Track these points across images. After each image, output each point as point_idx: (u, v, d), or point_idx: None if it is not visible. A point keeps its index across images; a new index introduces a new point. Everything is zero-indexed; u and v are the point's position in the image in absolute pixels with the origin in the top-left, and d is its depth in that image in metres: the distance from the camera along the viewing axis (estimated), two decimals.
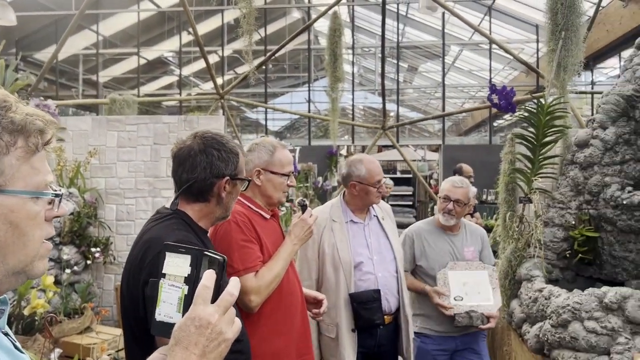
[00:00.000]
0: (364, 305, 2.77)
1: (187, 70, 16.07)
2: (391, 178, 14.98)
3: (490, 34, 11.44)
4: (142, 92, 14.70)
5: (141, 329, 1.47)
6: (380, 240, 2.99)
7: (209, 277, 0.99)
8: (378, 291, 2.82)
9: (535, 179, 4.34)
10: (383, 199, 8.63)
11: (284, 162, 2.30)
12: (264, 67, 14.58)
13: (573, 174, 4.29)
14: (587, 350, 3.17)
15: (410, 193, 14.44)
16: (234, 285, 0.99)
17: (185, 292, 1.07)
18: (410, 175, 15.41)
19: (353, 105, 13.87)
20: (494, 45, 12.64)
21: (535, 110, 4.23)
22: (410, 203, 14.60)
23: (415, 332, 3.41)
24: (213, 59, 15.24)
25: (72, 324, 3.75)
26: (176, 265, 1.08)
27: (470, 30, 13.71)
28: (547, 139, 4.25)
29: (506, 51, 6.49)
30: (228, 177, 1.70)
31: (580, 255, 4.11)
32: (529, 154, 4.34)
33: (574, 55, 4.53)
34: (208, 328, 0.94)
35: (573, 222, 4.19)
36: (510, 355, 4.26)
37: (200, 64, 16.11)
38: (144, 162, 4.68)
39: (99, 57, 14.26)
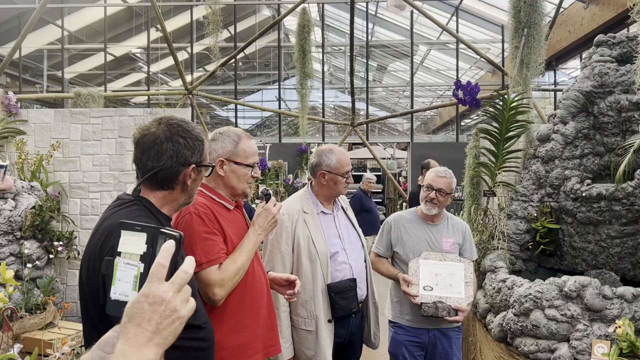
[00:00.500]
0: (342, 295, 2.77)
1: (155, 67, 15.83)
2: (360, 176, 15.07)
3: (457, 33, 11.61)
4: (109, 89, 14.41)
5: (102, 320, 1.43)
6: (349, 230, 3.00)
7: (164, 254, 0.97)
8: (354, 280, 2.84)
9: (499, 173, 4.42)
10: (366, 194, 8.62)
11: (248, 152, 2.25)
12: (234, 64, 14.48)
13: (535, 168, 4.38)
14: (547, 338, 3.24)
15: (380, 190, 14.55)
16: (188, 264, 0.98)
17: (141, 270, 1.06)
18: (380, 173, 15.52)
19: (323, 104, 13.89)
20: (461, 45, 12.83)
21: (499, 106, 4.30)
22: (380, 200, 14.72)
23: (390, 321, 3.43)
24: (182, 56, 15.06)
25: (33, 320, 3.64)
26: (132, 243, 1.07)
27: (438, 30, 13.88)
28: (511, 133, 4.33)
29: (473, 50, 6.59)
30: (194, 165, 1.67)
31: (542, 246, 4.21)
32: (493, 148, 4.41)
33: (536, 52, 4.63)
34: (162, 305, 0.92)
35: (535, 215, 4.28)
36: (475, 345, 4.32)
37: (169, 61, 15.90)
38: (109, 155, 4.59)
39: (64, 52, 13.92)
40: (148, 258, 1.06)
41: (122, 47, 15.27)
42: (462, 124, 17.84)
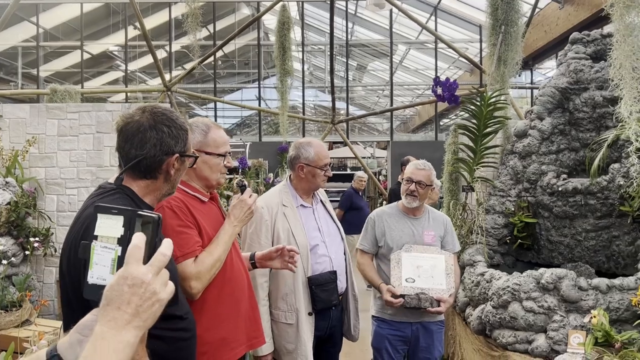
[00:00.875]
0: (322, 287, 2.78)
1: (133, 66, 15.65)
2: (341, 175, 15.10)
3: (436, 32, 11.70)
4: (86, 88, 14.20)
5: (85, 310, 1.41)
6: (328, 223, 3.02)
7: (139, 237, 0.96)
8: (334, 272, 2.85)
9: (477, 169, 4.48)
10: (357, 192, 8.60)
11: (218, 142, 2.24)
12: (213, 63, 14.39)
13: (512, 163, 4.44)
14: (525, 329, 3.29)
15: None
16: (166, 246, 0.97)
17: (119, 253, 1.05)
18: (362, 171, 15.59)
19: (303, 103, 13.89)
20: (439, 45, 12.95)
21: (477, 103, 4.36)
22: None
23: (373, 316, 3.44)
24: (160, 54, 14.90)
25: (9, 317, 3.58)
26: (108, 226, 1.06)
27: (417, 30, 13.99)
28: (488, 129, 4.39)
29: (452, 48, 6.66)
30: (177, 155, 1.65)
31: (519, 240, 4.27)
32: (471, 144, 4.47)
33: (513, 50, 4.70)
34: (141, 287, 0.92)
35: (513, 209, 4.34)
36: (455, 339, 4.37)
37: (147, 59, 15.74)
38: (87, 151, 4.52)
39: (40, 50, 13.68)
40: (125, 241, 1.04)
41: (99, 44, 15.06)
42: (441, 123, 18.00)
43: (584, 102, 4.20)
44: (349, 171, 15.46)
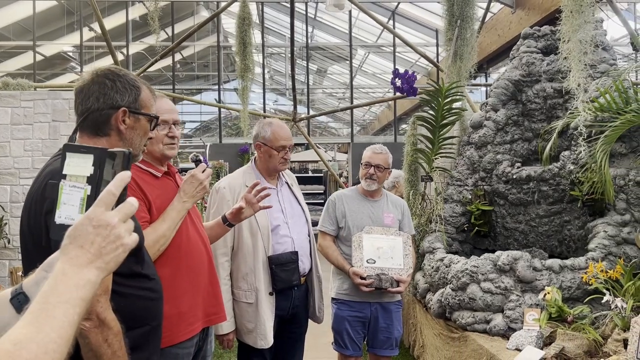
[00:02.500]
0: (283, 267, 2.79)
1: (89, 68, 15.29)
2: (303, 177, 15.15)
3: (394, 37, 11.91)
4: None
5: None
6: (293, 205, 3.03)
7: (117, 183, 0.95)
8: (296, 253, 2.87)
9: (436, 159, 4.57)
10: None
11: (160, 110, 2.15)
12: (171, 65, 14.22)
13: (469, 153, 4.56)
14: (483, 309, 3.37)
15: (322, 191, 14.64)
16: (134, 200, 0.97)
17: (88, 192, 1.03)
18: (322, 175, 15.65)
19: (264, 104, 13.87)
20: (398, 48, 13.18)
21: (434, 95, 4.46)
22: (322, 201, 14.79)
23: (332, 298, 3.46)
24: (118, 57, 14.61)
25: None
26: (77, 165, 1.04)
27: (376, 34, 14.21)
28: (446, 121, 4.49)
29: (410, 47, 6.80)
30: (125, 109, 1.63)
31: (477, 228, 4.38)
32: (429, 135, 4.56)
33: (469, 44, 4.84)
34: (107, 229, 0.91)
35: (470, 198, 4.45)
36: (416, 326, 4.44)
37: (104, 62, 15.39)
38: (42, 140, 4.38)
39: None
40: (95, 180, 1.03)
41: (53, 45, 14.66)
42: (400, 128, 18.28)
43: (536, 94, 4.36)
44: (310, 173, 15.50)
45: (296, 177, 3.37)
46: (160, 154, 2.20)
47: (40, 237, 1.42)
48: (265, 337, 2.73)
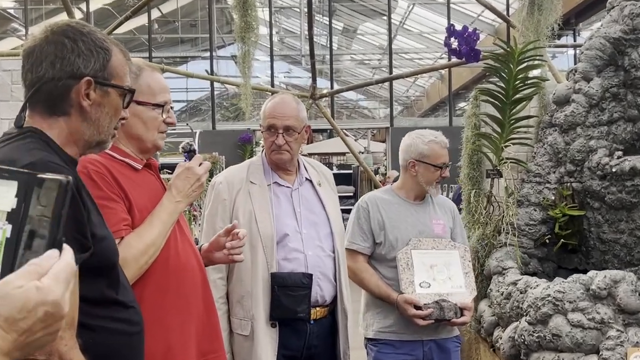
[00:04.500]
0: (288, 291, 2.79)
1: (38, 29, 15.55)
2: None
3: None
4: None
5: None
6: (313, 209, 3.04)
7: (66, 259, 1.00)
8: (310, 276, 2.85)
9: (506, 147, 4.58)
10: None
11: (154, 88, 2.23)
12: (147, 25, 14.40)
13: (552, 139, 4.56)
14: (572, 350, 3.39)
15: (352, 194, 14.65)
16: (70, 254, 1.02)
17: (7, 234, 1.00)
18: (350, 171, 15.64)
19: (272, 78, 13.97)
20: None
21: (503, 59, 4.47)
22: (352, 208, 14.84)
23: (368, 339, 3.49)
24: (75, 14, 14.85)
25: None
26: None
27: None
28: (520, 95, 4.50)
29: None
30: (90, 79, 1.62)
31: (562, 240, 4.38)
32: (497, 114, 4.58)
33: None
34: (37, 310, 0.95)
35: (553, 199, 4.45)
36: None
37: (56, 20, 15.64)
38: None
39: None
40: (18, 218, 1.00)
41: None
42: (457, 108, 18.22)
43: None
44: (334, 170, 15.52)
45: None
46: (152, 144, 2.25)
47: None
48: None
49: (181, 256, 2.23)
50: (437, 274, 3.32)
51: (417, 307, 3.22)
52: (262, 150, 3.08)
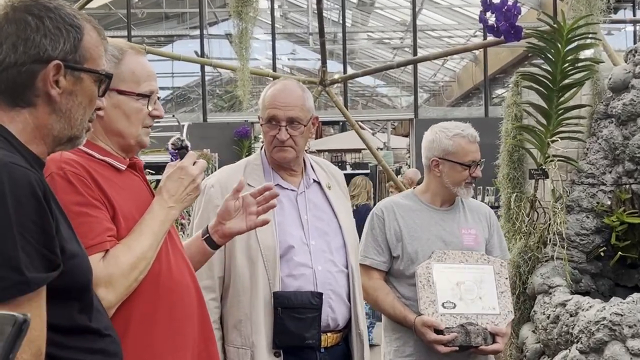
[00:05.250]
0: (294, 313, 2.79)
1: None
2: None
3: None
4: None
5: None
6: (323, 216, 3.03)
7: None
8: (320, 295, 2.84)
9: (553, 142, 4.57)
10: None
11: (139, 74, 2.22)
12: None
13: (607, 133, 4.55)
14: None
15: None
16: None
17: None
18: (367, 171, 15.63)
19: (274, 60, 14.01)
20: None
21: (550, 38, 4.47)
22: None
23: None
24: None
25: None
26: None
27: None
28: (569, 80, 4.49)
29: None
30: (59, 62, 1.62)
31: (620, 253, 4.37)
32: (542, 104, 4.57)
33: None
34: None
35: (609, 204, 4.44)
36: None
37: None
38: None
39: None
40: None
41: None
42: (494, 95, 18.19)
43: None
44: (348, 169, 15.53)
45: None
46: (136, 140, 2.24)
47: None
48: None
49: (174, 272, 2.22)
50: (465, 292, 3.28)
51: (439, 332, 3.17)
52: (262, 147, 3.08)
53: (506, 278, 3.35)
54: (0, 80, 1.60)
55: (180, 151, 2.35)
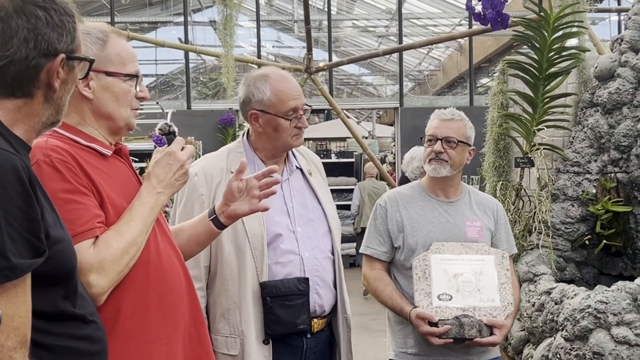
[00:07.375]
0: (284, 301, 2.81)
1: None
2: (323, 164, 15.16)
3: None
4: None
5: None
6: (307, 203, 3.06)
7: None
8: (306, 280, 2.88)
9: (539, 130, 4.59)
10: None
11: (124, 56, 2.23)
12: None
13: (593, 121, 4.57)
14: None
15: (353, 186, 14.65)
16: None
17: None
18: (352, 160, 15.64)
19: (259, 47, 13.96)
20: None
21: (536, 26, 4.48)
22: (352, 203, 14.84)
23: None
24: None
25: None
26: None
27: None
28: (555, 68, 4.51)
29: None
30: (64, 55, 1.64)
31: (604, 241, 4.39)
32: (528, 92, 4.58)
33: None
34: None
35: (594, 193, 4.47)
36: None
37: None
38: None
39: None
40: None
41: None
42: (479, 84, 18.20)
43: None
44: (333, 158, 15.53)
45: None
46: (125, 122, 2.25)
47: None
48: None
49: (163, 258, 2.23)
50: (463, 284, 3.25)
51: (433, 324, 3.15)
52: (243, 134, 3.08)
53: (507, 269, 3.32)
54: (6, 73, 1.58)
55: (167, 137, 2.34)
